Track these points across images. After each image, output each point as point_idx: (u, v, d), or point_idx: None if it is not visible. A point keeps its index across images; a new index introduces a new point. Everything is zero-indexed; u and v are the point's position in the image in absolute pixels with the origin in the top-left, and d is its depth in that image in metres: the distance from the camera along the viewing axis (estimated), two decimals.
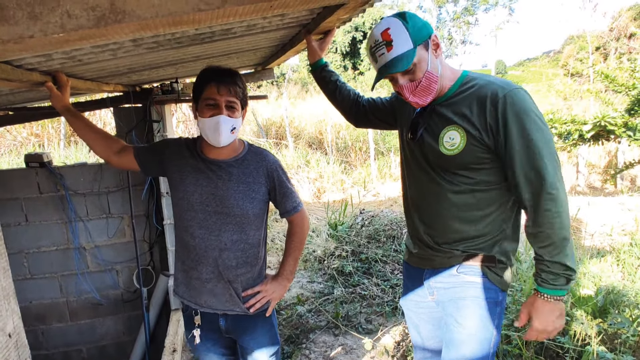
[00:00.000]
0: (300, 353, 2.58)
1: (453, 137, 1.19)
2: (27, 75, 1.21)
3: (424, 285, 1.38)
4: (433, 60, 1.17)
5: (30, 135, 7.86)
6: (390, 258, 3.79)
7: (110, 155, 1.45)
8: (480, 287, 1.26)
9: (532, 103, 1.13)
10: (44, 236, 2.61)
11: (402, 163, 1.44)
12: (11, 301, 0.72)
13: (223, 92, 1.28)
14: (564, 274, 1.13)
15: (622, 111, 4.80)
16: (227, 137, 1.31)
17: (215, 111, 1.29)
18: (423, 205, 1.33)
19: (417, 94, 1.19)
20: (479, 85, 1.18)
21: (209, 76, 1.30)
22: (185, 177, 1.37)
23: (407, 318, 1.53)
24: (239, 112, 1.33)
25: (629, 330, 2.19)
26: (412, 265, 1.42)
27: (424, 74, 1.16)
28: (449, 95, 1.23)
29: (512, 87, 1.14)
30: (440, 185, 1.25)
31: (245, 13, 0.73)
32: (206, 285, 1.39)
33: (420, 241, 1.35)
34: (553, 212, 1.09)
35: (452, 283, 1.30)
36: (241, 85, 1.33)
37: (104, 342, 2.84)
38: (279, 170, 1.43)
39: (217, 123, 1.28)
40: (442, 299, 1.34)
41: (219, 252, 1.36)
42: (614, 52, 14.34)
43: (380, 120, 1.57)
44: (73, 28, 0.53)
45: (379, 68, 1.19)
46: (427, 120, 1.27)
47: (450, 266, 1.29)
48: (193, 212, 1.36)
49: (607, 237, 4.40)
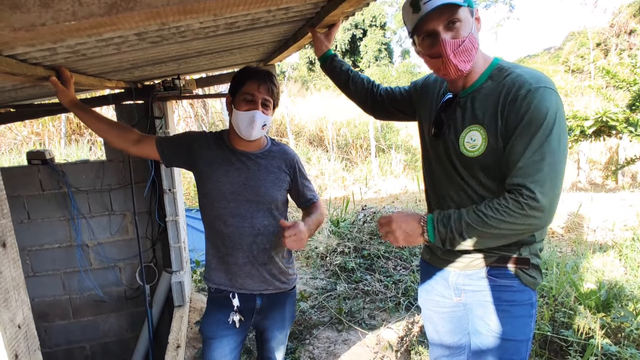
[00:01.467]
0: (303, 349, 2.59)
1: (474, 139, 1.12)
2: (31, 70, 1.21)
3: (450, 286, 1.31)
4: (475, 29, 1.09)
5: (30, 134, 7.85)
6: (392, 254, 3.79)
7: (129, 145, 1.49)
8: (513, 290, 1.19)
9: (557, 104, 1.03)
10: (47, 233, 2.60)
11: (423, 160, 1.37)
12: (21, 292, 0.71)
13: (262, 90, 1.39)
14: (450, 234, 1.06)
15: (624, 107, 4.80)
16: (259, 131, 1.40)
17: (252, 106, 1.38)
18: (446, 205, 1.25)
19: (459, 55, 1.07)
20: (507, 78, 1.09)
21: (251, 73, 1.41)
22: (215, 169, 1.45)
23: (425, 317, 1.47)
24: (271, 111, 1.44)
25: (633, 323, 2.20)
26: (435, 265, 1.35)
27: (468, 34, 1.06)
28: (477, 87, 1.14)
29: (541, 83, 1.04)
30: (462, 186, 1.18)
31: (254, 2, 0.73)
32: (243, 269, 1.49)
33: None
34: (514, 207, 1.00)
35: (482, 286, 1.23)
36: (276, 87, 1.44)
37: (107, 339, 2.84)
38: (298, 163, 1.55)
39: (252, 117, 1.37)
40: (470, 301, 1.27)
41: (253, 237, 1.46)
42: (615, 48, 14.32)
43: (399, 111, 1.49)
44: (84, 16, 0.53)
45: (422, 14, 1.06)
46: (451, 115, 1.19)
47: (479, 268, 1.22)
48: (225, 201, 1.44)
49: (609, 233, 4.41)
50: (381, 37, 22.01)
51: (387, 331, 2.72)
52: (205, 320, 1.58)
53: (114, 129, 1.51)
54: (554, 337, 2.23)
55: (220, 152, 1.47)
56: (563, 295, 2.59)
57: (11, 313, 0.69)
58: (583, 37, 15.85)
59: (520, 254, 1.17)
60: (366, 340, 2.64)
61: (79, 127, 8.07)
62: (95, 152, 7.33)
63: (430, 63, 1.14)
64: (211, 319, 1.55)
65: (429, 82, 1.38)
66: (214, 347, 1.53)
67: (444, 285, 1.33)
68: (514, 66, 1.13)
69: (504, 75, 1.10)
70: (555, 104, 1.02)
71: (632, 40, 13.53)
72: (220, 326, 1.53)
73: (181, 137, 1.55)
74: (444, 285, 1.33)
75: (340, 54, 22.11)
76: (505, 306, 1.20)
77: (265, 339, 1.62)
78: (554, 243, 4.33)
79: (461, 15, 1.05)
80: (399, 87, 1.50)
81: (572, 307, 2.44)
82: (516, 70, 1.10)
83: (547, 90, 1.03)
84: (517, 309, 1.20)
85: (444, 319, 1.40)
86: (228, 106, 1.47)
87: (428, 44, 1.11)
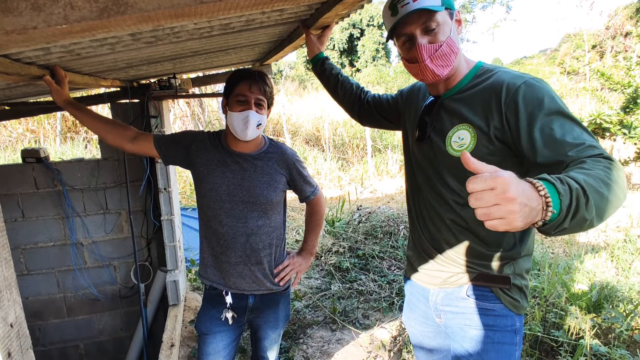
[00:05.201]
0: (297, 348, 2.60)
1: (463, 137, 1.07)
2: (25, 69, 1.21)
3: (430, 306, 1.26)
4: (455, 32, 1.07)
5: (26, 131, 7.81)
6: (387, 254, 3.81)
7: (125, 142, 1.51)
8: (494, 314, 1.12)
9: (550, 88, 0.99)
10: (41, 232, 2.60)
11: (406, 166, 1.33)
12: (13, 291, 0.72)
13: (254, 90, 1.41)
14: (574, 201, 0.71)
15: (618, 109, 4.84)
16: (254, 131, 1.42)
17: (245, 107, 1.41)
18: (427, 215, 1.21)
19: (436, 60, 1.05)
20: (495, 76, 1.06)
21: (242, 75, 1.43)
22: (212, 170, 1.48)
23: (411, 335, 1.43)
24: (265, 110, 1.46)
25: (623, 324, 2.22)
26: (417, 282, 1.30)
27: (446, 39, 1.04)
28: (461, 88, 1.11)
29: (530, 76, 1.02)
30: (445, 195, 1.13)
31: (246, 6, 0.73)
32: (236, 269, 1.51)
33: (425, 252, 1.24)
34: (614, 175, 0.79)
35: (461, 307, 1.17)
36: (269, 86, 1.46)
37: (101, 337, 2.84)
38: (296, 163, 1.57)
39: (246, 117, 1.39)
40: (450, 323, 1.21)
41: (247, 237, 1.49)
42: (610, 50, 14.41)
43: (385, 119, 1.47)
44: (76, 19, 0.53)
45: (399, 17, 1.04)
46: (435, 117, 1.15)
47: (458, 286, 1.16)
48: (221, 202, 1.47)
49: (602, 234, 4.45)
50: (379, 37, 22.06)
51: (380, 331, 2.73)
52: (200, 316, 1.61)
53: (109, 126, 1.52)
54: (545, 338, 2.25)
55: (217, 154, 1.49)
56: (554, 296, 2.61)
57: (3, 312, 0.69)
58: (579, 39, 15.93)
59: (501, 272, 1.11)
60: (360, 340, 2.66)
61: (75, 124, 8.04)
62: (91, 150, 7.30)
63: (409, 67, 1.13)
64: (206, 315, 1.59)
65: (414, 89, 1.36)
66: (207, 342, 1.57)
67: (425, 305, 1.28)
68: (497, 67, 1.11)
69: (490, 75, 1.08)
70: (550, 87, 1.00)
71: (627, 43, 13.61)
72: (214, 322, 1.56)
73: (180, 137, 1.57)
74: (425, 304, 1.29)
75: (338, 53, 22.12)
76: (487, 331, 1.13)
77: (259, 338, 1.64)
78: (546, 244, 4.36)
79: (439, 19, 1.03)
80: (386, 95, 1.49)
81: (563, 307, 2.47)
82: (503, 69, 1.09)
83: (540, 80, 1.02)
84: (499, 336, 1.12)
85: (429, 337, 1.35)
86: (223, 109, 1.49)
87: (407, 47, 1.09)
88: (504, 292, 1.11)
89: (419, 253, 1.27)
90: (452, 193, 1.12)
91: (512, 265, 1.11)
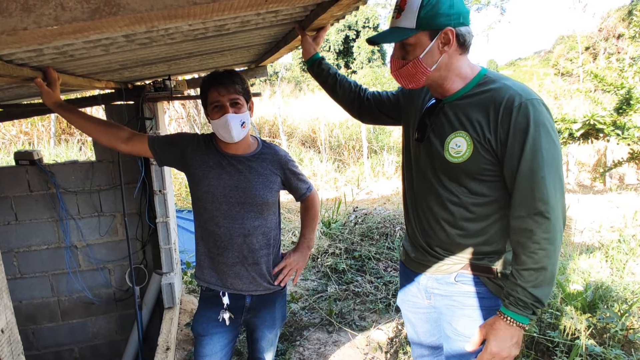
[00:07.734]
0: (294, 350, 2.59)
1: (459, 145, 1.12)
2: (17, 71, 1.20)
3: (420, 289, 1.35)
4: (433, 53, 1.10)
5: (19, 133, 7.75)
6: (383, 255, 3.81)
7: (118, 143, 1.50)
8: (481, 297, 1.22)
9: (548, 116, 1.05)
10: (35, 235, 2.57)
11: (404, 164, 1.38)
12: (4, 296, 0.71)
13: (223, 93, 1.40)
14: (532, 305, 1.06)
15: (611, 110, 4.88)
16: (239, 131, 1.43)
17: (222, 111, 1.41)
18: (422, 211, 1.27)
19: (399, 75, 1.16)
20: (495, 89, 1.10)
21: (209, 82, 1.43)
22: (207, 172, 1.48)
23: (404, 316, 1.52)
24: (244, 107, 1.45)
25: (618, 324, 2.24)
26: (409, 268, 1.39)
27: (414, 59, 1.11)
28: (461, 95, 1.15)
29: (530, 96, 1.06)
30: (441, 194, 1.20)
31: (240, 7, 0.73)
32: (233, 269, 1.52)
33: (419, 246, 1.31)
34: (540, 237, 1.02)
35: (449, 291, 1.26)
36: (239, 82, 1.45)
37: (96, 341, 2.81)
38: (289, 163, 1.59)
39: (226, 122, 1.40)
40: (438, 304, 1.32)
41: (244, 238, 1.50)
42: (603, 52, 14.54)
43: (386, 115, 1.50)
44: (67, 20, 0.53)
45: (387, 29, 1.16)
46: (435, 120, 1.20)
47: (447, 273, 1.25)
48: (217, 203, 1.48)
49: (596, 234, 4.47)
50: None
51: (377, 332, 2.73)
52: (197, 317, 1.61)
53: (103, 127, 1.51)
54: (541, 338, 2.26)
55: (212, 156, 1.50)
56: (550, 297, 2.62)
57: None
58: (572, 40, 16.07)
59: (490, 264, 1.19)
60: (356, 342, 2.65)
61: (69, 126, 7.98)
62: (85, 152, 7.25)
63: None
64: (202, 317, 1.58)
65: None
66: (204, 344, 1.56)
67: (417, 287, 1.37)
68: (499, 78, 1.14)
69: (491, 86, 1.11)
70: (547, 113, 1.06)
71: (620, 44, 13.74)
72: (210, 323, 1.56)
73: (175, 139, 1.56)
74: (416, 287, 1.37)
75: (334, 54, 22.15)
76: (471, 311, 1.23)
77: (255, 339, 1.64)
78: None
79: (412, 40, 1.10)
80: (386, 92, 1.51)
81: (558, 308, 2.48)
82: (505, 81, 1.11)
83: (538, 102, 1.06)
84: (485, 314, 1.22)
85: (421, 320, 1.44)
86: (207, 118, 1.50)
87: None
88: (490, 279, 1.21)
89: (414, 245, 1.35)
90: (448, 192, 1.19)
91: (500, 259, 1.20)
